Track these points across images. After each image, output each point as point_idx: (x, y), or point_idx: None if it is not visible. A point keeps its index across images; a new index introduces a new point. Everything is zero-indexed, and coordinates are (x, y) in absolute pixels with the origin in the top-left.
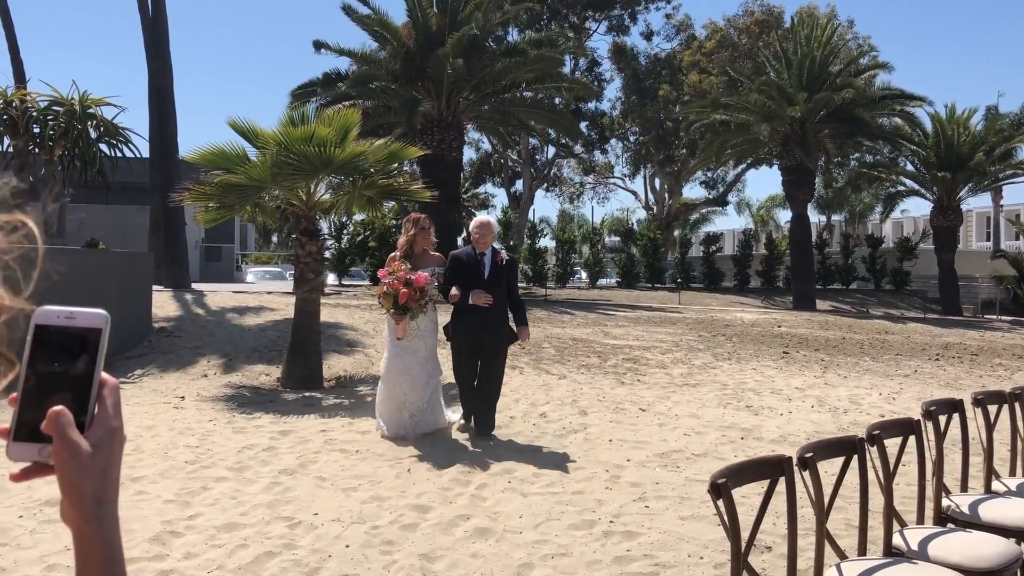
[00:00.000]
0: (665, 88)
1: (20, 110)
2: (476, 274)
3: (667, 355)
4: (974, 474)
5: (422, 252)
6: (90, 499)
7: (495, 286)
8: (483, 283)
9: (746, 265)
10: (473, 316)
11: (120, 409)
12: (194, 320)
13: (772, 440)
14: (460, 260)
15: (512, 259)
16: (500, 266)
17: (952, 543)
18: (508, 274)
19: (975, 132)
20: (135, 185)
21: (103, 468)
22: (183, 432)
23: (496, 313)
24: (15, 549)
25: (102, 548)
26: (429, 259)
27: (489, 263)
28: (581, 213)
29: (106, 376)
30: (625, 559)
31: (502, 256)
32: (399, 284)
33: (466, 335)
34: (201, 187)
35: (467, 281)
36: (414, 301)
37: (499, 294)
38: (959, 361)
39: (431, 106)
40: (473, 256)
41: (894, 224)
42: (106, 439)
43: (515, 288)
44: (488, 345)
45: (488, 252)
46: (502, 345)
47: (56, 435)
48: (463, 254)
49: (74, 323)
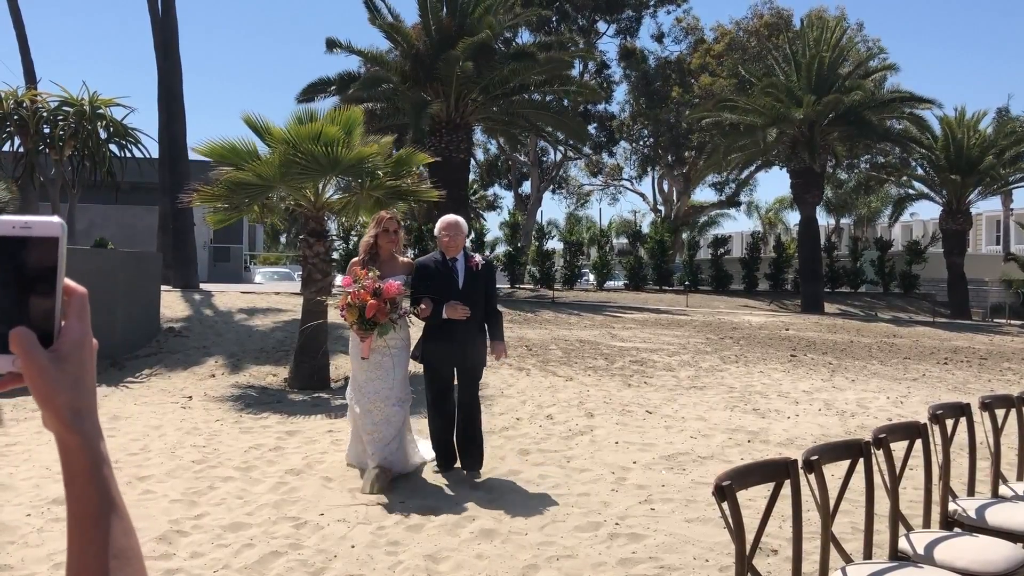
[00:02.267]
0: (674, 90)
1: (31, 110)
2: (448, 284)
3: (674, 357)
4: (981, 478)
5: (389, 257)
6: (67, 411)
7: (472, 296)
8: (458, 293)
9: (754, 268)
10: (448, 333)
11: (87, 316)
12: (202, 320)
13: (779, 443)
14: (428, 268)
15: (488, 262)
16: (475, 272)
17: (958, 547)
18: (485, 281)
19: (985, 135)
20: (144, 185)
21: (75, 378)
22: (190, 432)
23: (475, 327)
24: (22, 547)
25: (87, 455)
26: (397, 266)
27: (462, 270)
28: (589, 215)
29: (71, 284)
30: (630, 561)
31: (476, 260)
32: (366, 294)
33: (441, 356)
34: (209, 188)
35: (438, 292)
36: (383, 314)
37: (476, 305)
38: (967, 365)
39: (440, 108)
40: (443, 263)
41: (903, 227)
42: (75, 350)
43: (493, 296)
44: (468, 366)
45: (460, 257)
46: (482, 364)
47: (21, 355)
48: (430, 261)
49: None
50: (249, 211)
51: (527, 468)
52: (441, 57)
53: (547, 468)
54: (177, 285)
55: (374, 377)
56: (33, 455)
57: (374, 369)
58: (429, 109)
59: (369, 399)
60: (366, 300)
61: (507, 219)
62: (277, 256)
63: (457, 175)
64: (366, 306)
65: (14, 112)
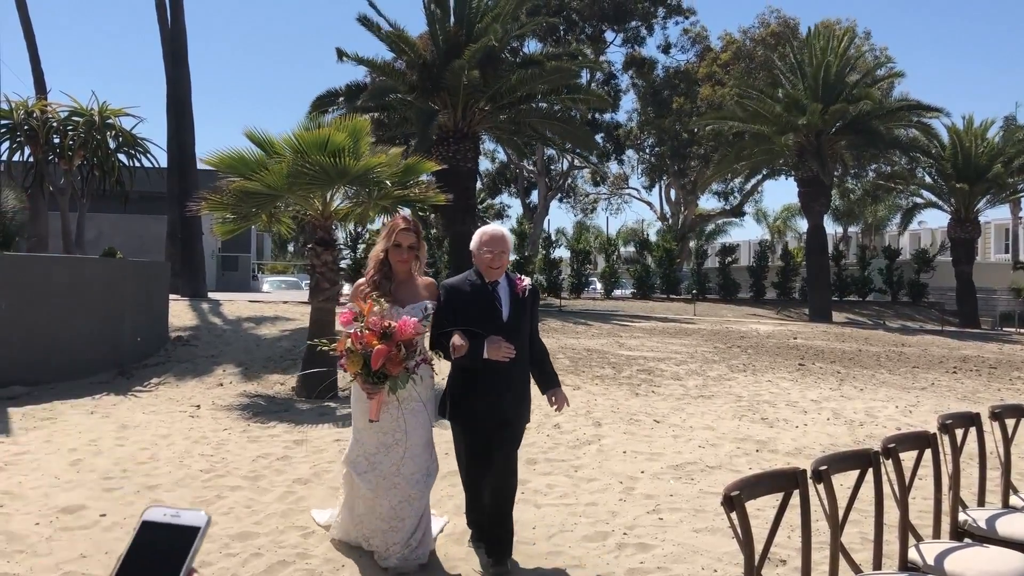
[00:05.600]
0: (680, 100)
1: (41, 120)
2: (489, 315)
3: (682, 366)
4: (991, 488)
5: (406, 278)
6: None
7: (517, 330)
8: (501, 327)
9: (762, 276)
10: (486, 379)
11: None
12: (210, 329)
13: (787, 452)
14: (462, 293)
15: (535, 287)
16: (522, 300)
17: (969, 558)
18: (531, 311)
19: (993, 143)
20: (153, 195)
21: None
22: (198, 441)
23: (521, 372)
24: (31, 556)
25: None
26: (415, 291)
27: (507, 296)
28: (596, 224)
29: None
30: (639, 571)
31: (524, 285)
32: (372, 337)
33: (481, 410)
34: (217, 196)
35: (475, 325)
36: (396, 364)
37: (522, 342)
38: (977, 374)
39: (447, 117)
40: (481, 287)
41: (911, 235)
42: None
43: (536, 329)
44: (508, 423)
45: (502, 279)
46: (525, 422)
47: None
48: (465, 284)
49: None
50: (257, 220)
51: (535, 478)
52: (448, 67)
53: (555, 477)
54: (185, 294)
55: (389, 443)
56: (42, 464)
57: (388, 433)
58: (436, 119)
59: (382, 475)
60: (372, 344)
61: (514, 228)
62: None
63: (465, 184)
64: (372, 352)
65: (24, 122)
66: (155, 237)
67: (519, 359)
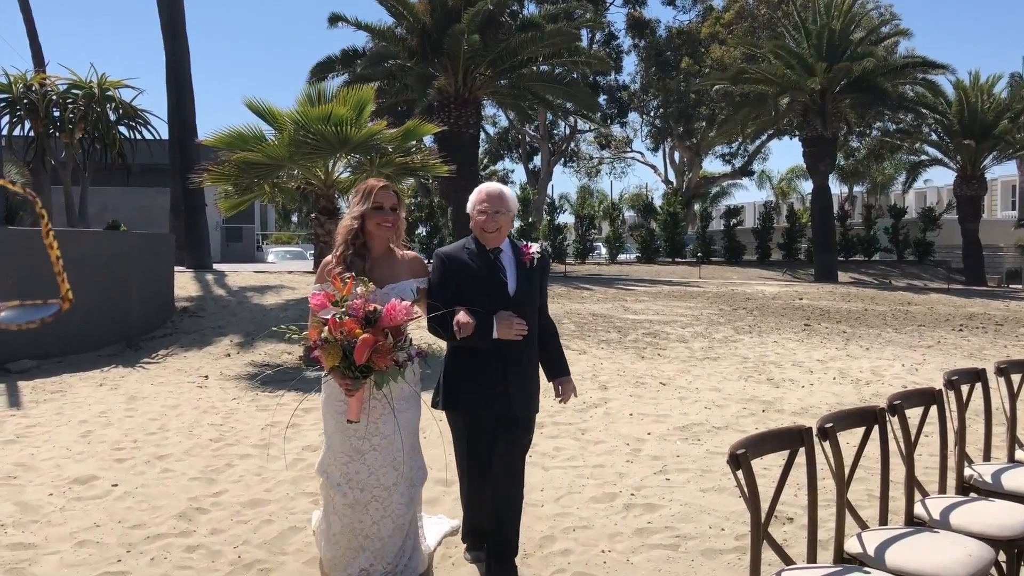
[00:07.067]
0: (685, 61)
1: (40, 94)
2: (492, 287)
3: (687, 329)
4: (997, 444)
5: (384, 253)
6: None
7: (526, 305)
8: (508, 301)
9: (767, 238)
10: (488, 364)
11: None
12: (216, 300)
13: (793, 412)
14: (460, 264)
15: (544, 256)
16: (530, 270)
17: (974, 512)
18: (540, 282)
19: (999, 99)
20: (155, 167)
21: None
22: (207, 411)
23: (527, 355)
24: (46, 526)
25: None
26: (398, 268)
27: (512, 266)
28: (600, 188)
29: None
30: (646, 531)
31: (532, 253)
32: (353, 324)
33: (480, 399)
34: (220, 167)
35: (476, 301)
36: (385, 356)
37: (532, 318)
38: (983, 331)
39: (447, 82)
40: (480, 256)
41: (917, 194)
42: None
43: (545, 303)
44: (515, 416)
45: (506, 247)
46: (534, 412)
47: None
48: (462, 252)
49: None
50: (260, 193)
51: (542, 441)
52: (448, 31)
53: (562, 440)
54: (190, 266)
55: (368, 449)
56: (53, 436)
57: (364, 438)
58: (436, 83)
59: (362, 485)
60: (354, 332)
61: (518, 194)
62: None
63: (467, 150)
64: (355, 344)
65: (24, 96)
66: (159, 210)
67: (529, 340)
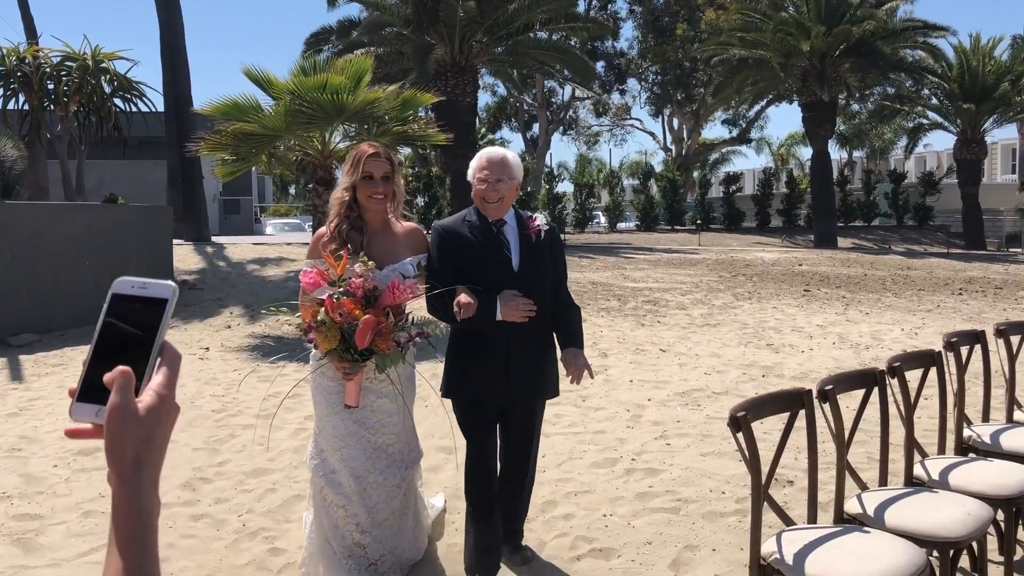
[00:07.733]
0: (682, 26)
1: (33, 67)
2: (495, 264)
3: (687, 296)
4: (996, 405)
5: (381, 227)
6: (129, 461)
7: (533, 282)
8: (512, 278)
9: (767, 204)
10: (494, 346)
11: (175, 380)
12: (215, 272)
13: (793, 377)
14: (459, 239)
15: (553, 229)
16: (536, 244)
17: (973, 472)
18: (550, 257)
19: (1000, 62)
20: (152, 140)
21: (148, 434)
22: (209, 382)
23: (536, 335)
24: (51, 497)
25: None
26: (396, 242)
27: (516, 239)
28: (599, 156)
29: (170, 345)
30: (647, 495)
31: (537, 224)
32: (352, 304)
33: (487, 384)
34: (216, 137)
35: (477, 278)
36: (387, 338)
37: (540, 297)
38: (982, 295)
39: (444, 51)
40: (482, 229)
41: (917, 159)
42: (156, 406)
43: (564, 280)
44: (523, 402)
45: (510, 219)
46: (546, 397)
47: (114, 391)
48: (462, 225)
49: (145, 292)
50: (257, 161)
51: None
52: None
53: (563, 407)
54: (189, 238)
55: (359, 433)
56: (55, 409)
57: (360, 422)
58: (433, 53)
59: (357, 472)
60: (354, 314)
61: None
62: (287, 207)
63: (465, 119)
64: (356, 325)
65: (17, 69)
66: (156, 182)
67: (536, 321)
